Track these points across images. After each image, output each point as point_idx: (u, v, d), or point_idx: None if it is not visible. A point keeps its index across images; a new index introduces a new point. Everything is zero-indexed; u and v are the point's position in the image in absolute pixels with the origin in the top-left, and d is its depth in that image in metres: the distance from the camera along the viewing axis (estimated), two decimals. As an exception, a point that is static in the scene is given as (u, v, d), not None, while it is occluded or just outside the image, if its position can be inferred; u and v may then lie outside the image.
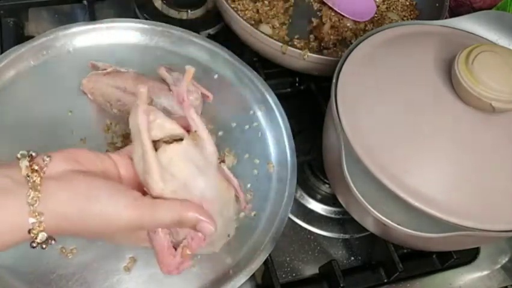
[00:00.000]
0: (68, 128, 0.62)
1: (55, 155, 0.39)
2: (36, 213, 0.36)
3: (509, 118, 0.51)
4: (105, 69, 0.63)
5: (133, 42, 0.70)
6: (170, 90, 0.60)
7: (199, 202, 0.43)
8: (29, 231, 0.36)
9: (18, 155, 0.38)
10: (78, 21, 0.69)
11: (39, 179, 0.36)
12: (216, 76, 0.70)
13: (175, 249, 0.44)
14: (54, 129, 0.61)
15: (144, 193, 0.42)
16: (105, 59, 0.66)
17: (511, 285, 0.66)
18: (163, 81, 0.62)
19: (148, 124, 0.43)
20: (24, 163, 0.37)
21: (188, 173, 0.42)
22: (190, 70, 0.45)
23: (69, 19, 0.81)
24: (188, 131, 0.45)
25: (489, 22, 0.61)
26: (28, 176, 0.36)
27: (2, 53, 0.65)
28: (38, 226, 0.36)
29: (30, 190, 0.36)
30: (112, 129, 0.63)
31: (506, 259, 0.68)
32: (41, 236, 0.37)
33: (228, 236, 0.48)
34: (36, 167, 0.37)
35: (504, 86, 0.47)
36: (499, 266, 0.67)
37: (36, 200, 0.35)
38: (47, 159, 0.38)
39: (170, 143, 0.43)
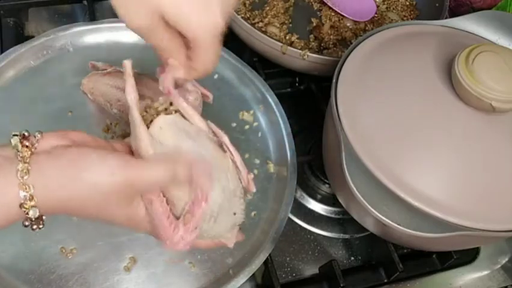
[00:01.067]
0: (68, 128, 0.61)
1: (48, 132, 0.39)
2: (27, 186, 0.35)
3: (509, 118, 0.51)
4: (105, 69, 0.63)
5: (133, 42, 0.70)
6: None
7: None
8: (21, 206, 0.35)
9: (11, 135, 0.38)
10: (78, 21, 0.70)
11: (29, 153, 0.36)
12: (216, 76, 0.70)
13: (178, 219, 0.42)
14: (54, 129, 0.61)
15: None
16: (105, 59, 0.66)
17: (511, 285, 0.66)
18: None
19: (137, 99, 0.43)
20: (16, 140, 0.37)
21: (177, 139, 0.42)
22: (174, 63, 0.45)
23: (69, 19, 0.81)
24: None
25: (489, 22, 0.61)
26: (18, 151, 0.36)
27: (2, 53, 0.65)
28: (30, 200, 0.35)
29: (20, 163, 0.35)
30: (112, 129, 0.63)
31: (506, 259, 0.68)
32: (33, 212, 0.36)
33: (234, 213, 0.46)
34: (27, 143, 0.37)
35: (504, 86, 0.47)
36: (499, 266, 0.67)
37: (26, 173, 0.35)
38: (39, 135, 0.38)
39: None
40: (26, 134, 0.38)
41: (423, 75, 0.53)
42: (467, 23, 0.61)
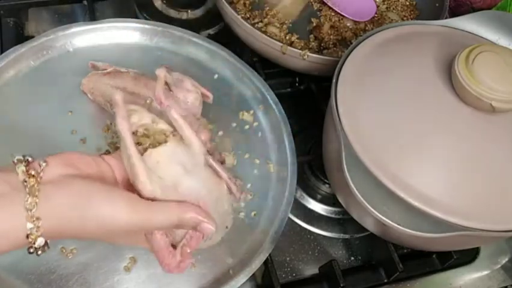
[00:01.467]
0: (68, 128, 0.62)
1: (51, 159, 0.39)
2: (34, 218, 0.35)
3: (509, 118, 0.51)
4: (105, 69, 0.63)
5: (133, 42, 0.70)
6: (170, 90, 0.60)
7: (193, 202, 0.43)
8: (27, 236, 0.36)
9: (15, 160, 0.38)
10: (78, 21, 0.69)
11: (36, 184, 0.36)
12: (216, 76, 0.70)
13: (175, 247, 0.44)
14: (54, 129, 0.61)
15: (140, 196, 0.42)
16: (105, 59, 0.65)
17: (511, 285, 0.66)
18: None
19: (131, 126, 0.43)
20: (21, 168, 0.37)
21: (176, 174, 0.43)
22: (161, 74, 0.46)
23: (69, 19, 0.81)
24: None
25: (489, 22, 0.61)
26: (25, 182, 0.36)
27: (2, 53, 0.65)
28: (36, 231, 0.36)
29: (28, 195, 0.36)
30: (112, 129, 0.62)
31: (506, 259, 0.68)
32: (39, 241, 0.36)
33: (226, 227, 0.48)
34: (33, 172, 0.37)
35: (504, 86, 0.47)
36: (499, 266, 0.67)
37: (34, 205, 0.35)
38: (43, 164, 0.38)
39: (156, 146, 0.44)
40: (30, 159, 0.38)
41: (423, 75, 0.53)
42: (467, 23, 0.61)
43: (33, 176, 0.37)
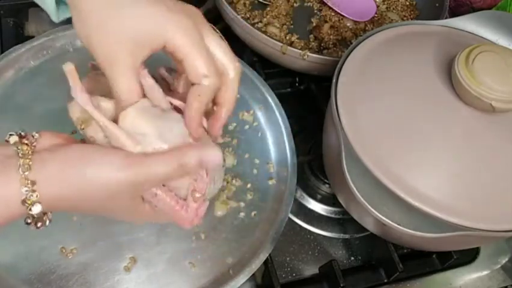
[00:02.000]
0: (68, 128, 0.62)
1: (44, 131, 0.38)
2: (29, 181, 0.34)
3: (509, 118, 0.51)
4: (105, 69, 0.63)
5: (133, 42, 0.70)
6: (170, 90, 0.60)
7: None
8: (23, 202, 0.34)
9: (7, 136, 0.37)
10: (78, 21, 0.69)
11: (29, 150, 0.35)
12: (215, 76, 0.70)
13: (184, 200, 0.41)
14: (54, 129, 0.61)
15: None
16: (105, 59, 0.65)
17: (511, 285, 0.66)
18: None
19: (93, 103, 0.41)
20: (14, 138, 0.36)
21: (157, 125, 0.40)
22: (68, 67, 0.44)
23: (69, 19, 0.81)
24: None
25: (489, 22, 0.61)
26: (18, 148, 0.35)
27: (2, 53, 0.65)
28: (32, 195, 0.34)
29: (21, 159, 0.34)
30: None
31: (506, 259, 0.68)
32: (36, 208, 0.35)
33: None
34: (26, 141, 0.36)
35: (504, 86, 0.47)
36: (499, 266, 0.67)
37: (27, 168, 0.34)
38: (36, 134, 0.38)
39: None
40: (23, 133, 0.37)
41: (423, 75, 0.53)
42: (467, 23, 0.61)
43: (26, 144, 0.36)
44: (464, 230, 0.46)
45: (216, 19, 0.79)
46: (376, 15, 0.83)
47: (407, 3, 0.86)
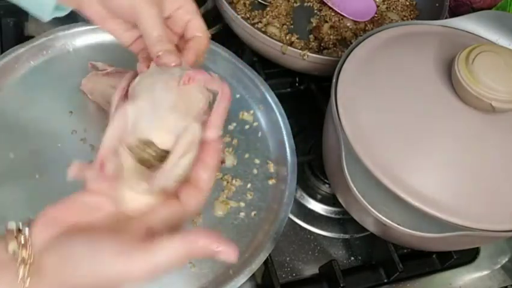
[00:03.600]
0: (68, 128, 0.62)
1: (37, 223, 0.35)
2: None
3: (509, 118, 0.51)
4: (105, 69, 0.63)
5: (133, 42, 0.70)
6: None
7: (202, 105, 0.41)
8: None
9: (8, 227, 0.34)
10: (78, 21, 0.69)
11: (28, 258, 0.33)
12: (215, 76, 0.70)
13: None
14: (54, 129, 0.61)
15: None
16: (105, 59, 0.65)
17: (511, 285, 0.66)
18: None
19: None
20: (13, 245, 0.33)
21: (169, 87, 0.41)
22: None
23: (69, 19, 0.81)
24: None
25: (489, 22, 0.61)
26: (15, 253, 0.33)
27: (2, 53, 0.65)
28: None
29: (21, 269, 0.32)
30: (112, 129, 0.62)
31: (506, 259, 0.68)
32: None
33: None
34: (22, 241, 0.33)
35: (504, 86, 0.47)
36: (499, 266, 0.67)
37: (27, 277, 0.32)
38: (27, 231, 0.34)
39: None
40: (21, 227, 0.34)
41: (423, 75, 0.53)
42: (467, 23, 0.61)
43: (23, 245, 0.33)
44: (464, 230, 0.46)
45: (216, 19, 0.79)
46: (376, 15, 0.83)
47: (407, 3, 0.86)
